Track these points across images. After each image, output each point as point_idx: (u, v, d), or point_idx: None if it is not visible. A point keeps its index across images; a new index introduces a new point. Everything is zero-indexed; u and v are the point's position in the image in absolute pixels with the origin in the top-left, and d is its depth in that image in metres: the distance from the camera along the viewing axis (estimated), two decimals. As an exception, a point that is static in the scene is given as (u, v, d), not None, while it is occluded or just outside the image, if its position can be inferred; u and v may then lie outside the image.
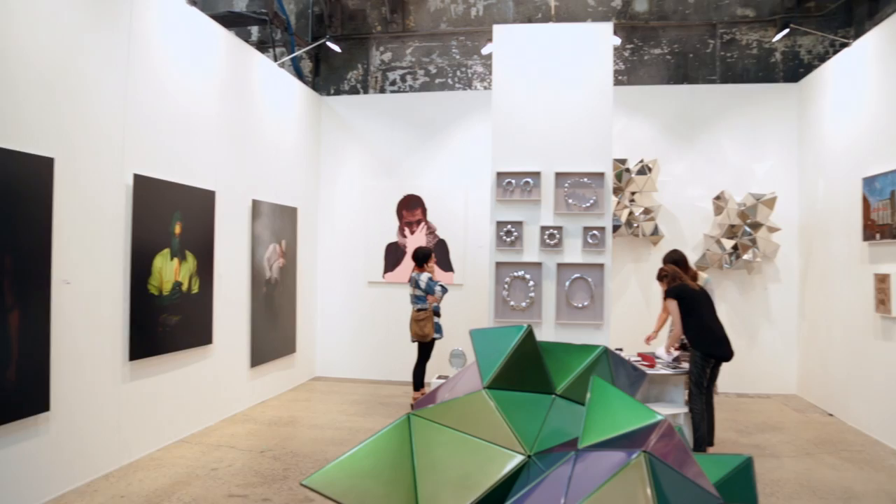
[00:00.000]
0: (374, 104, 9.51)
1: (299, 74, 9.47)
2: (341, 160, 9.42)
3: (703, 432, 5.68)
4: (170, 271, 5.76)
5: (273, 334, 7.85)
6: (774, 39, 8.82)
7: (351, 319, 9.28)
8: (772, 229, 8.25)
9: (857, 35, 8.14)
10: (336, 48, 9.21)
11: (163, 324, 5.68)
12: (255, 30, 10.15)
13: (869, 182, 6.59)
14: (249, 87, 7.40)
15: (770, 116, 8.63)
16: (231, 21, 8.51)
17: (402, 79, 9.92)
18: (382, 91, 9.94)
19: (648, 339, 6.74)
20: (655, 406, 5.72)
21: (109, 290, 5.11)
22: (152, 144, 5.65)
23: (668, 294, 6.02)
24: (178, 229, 5.87)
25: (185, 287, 5.99)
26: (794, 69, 9.02)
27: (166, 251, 5.72)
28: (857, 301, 6.84)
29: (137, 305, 5.34)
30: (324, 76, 10.11)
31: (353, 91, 10.00)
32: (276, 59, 8.80)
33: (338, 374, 9.26)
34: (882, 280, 6.32)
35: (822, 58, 8.80)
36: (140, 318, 5.38)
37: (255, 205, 7.39)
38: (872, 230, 6.54)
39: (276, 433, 6.42)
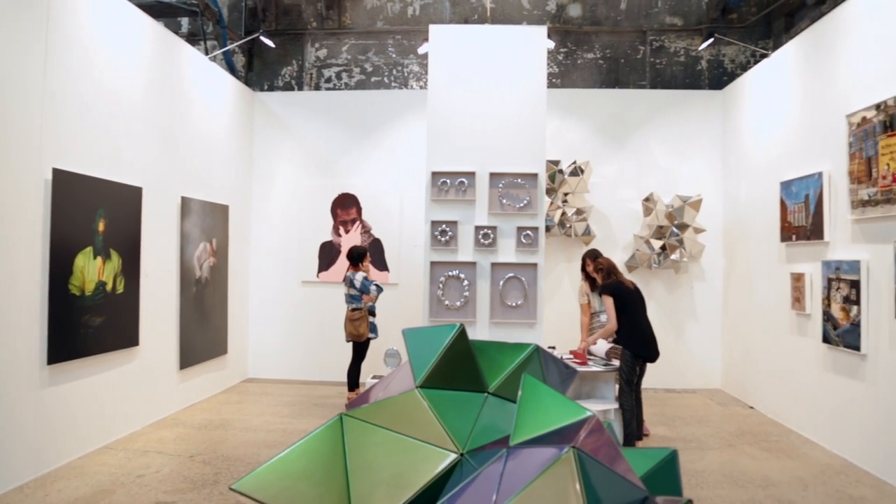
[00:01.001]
0: (308, 101, 9.37)
1: (231, 69, 9.24)
2: (275, 158, 9.25)
3: (634, 428, 5.84)
4: (93, 270, 5.53)
5: (203, 335, 7.64)
6: (700, 48, 9.17)
7: (284, 319, 9.13)
8: (697, 230, 8.57)
9: (776, 47, 8.56)
10: (270, 43, 9.04)
11: (85, 325, 5.44)
12: (185, 21, 9.86)
13: (786, 186, 6.93)
14: (179, 80, 7.17)
15: (696, 122, 8.97)
16: (160, 11, 8.23)
17: (338, 76, 9.83)
18: (317, 88, 9.81)
19: (583, 352, 6.40)
20: (587, 403, 5.86)
21: (26, 291, 4.85)
22: (74, 138, 5.40)
23: (603, 290, 6.12)
24: (101, 227, 5.64)
25: (109, 287, 5.75)
26: (719, 77, 9.39)
27: (89, 249, 5.48)
28: (775, 299, 7.18)
29: (57, 306, 5.09)
30: (257, 71, 9.91)
31: (288, 87, 9.84)
32: (207, 53, 8.57)
33: (271, 375, 9.09)
34: (797, 279, 6.65)
35: (744, 67, 9.20)
36: (60, 320, 5.13)
37: (185, 202, 7.17)
38: (789, 232, 6.88)
39: (207, 437, 6.25)
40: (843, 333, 5.82)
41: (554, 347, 6.81)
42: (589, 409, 1.92)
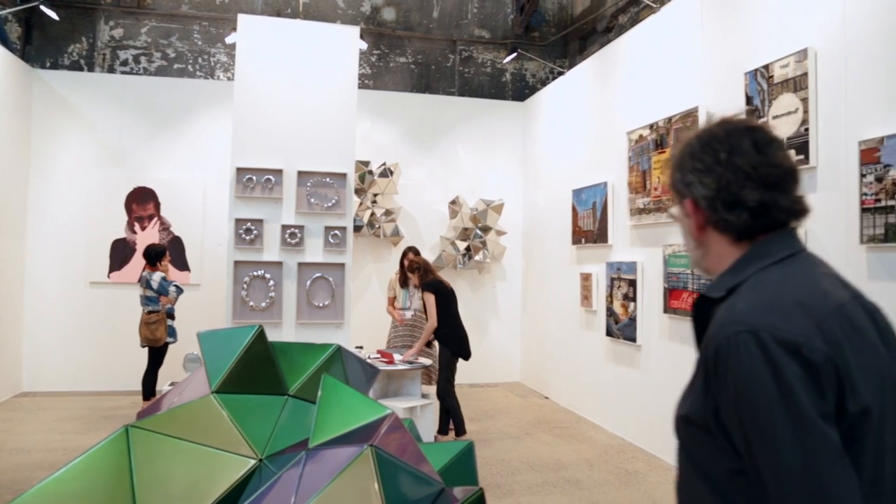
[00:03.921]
0: (101, 84, 8.53)
1: (3, 39, 8.14)
2: (59, 144, 8.30)
3: (462, 419, 6.12)
4: None
5: (-37, 344, 6.66)
6: (505, 61, 9.74)
7: (69, 324, 8.22)
8: (499, 233, 9.09)
9: (571, 66, 9.34)
10: (53, 15, 8.08)
11: None
12: (-57, -18, 8.52)
13: (577, 193, 7.58)
14: (-67, 50, 6.19)
15: (500, 130, 9.52)
16: None
17: (136, 60, 9.06)
18: (112, 71, 8.97)
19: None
20: (394, 400, 5.96)
21: None
22: None
23: (427, 287, 6.23)
24: None
25: None
26: (521, 89, 10.04)
27: None
28: (567, 297, 7.83)
29: None
30: (37, 46, 8.83)
31: (76, 67, 8.88)
32: (-29, 21, 7.48)
33: (51, 387, 8.14)
34: (586, 278, 7.31)
35: (544, 82, 9.92)
36: None
37: (-60, 191, 6.21)
38: (579, 235, 7.53)
39: (-34, 461, 5.46)
40: (622, 327, 6.49)
41: (361, 347, 6.84)
42: (391, 406, 1.96)
